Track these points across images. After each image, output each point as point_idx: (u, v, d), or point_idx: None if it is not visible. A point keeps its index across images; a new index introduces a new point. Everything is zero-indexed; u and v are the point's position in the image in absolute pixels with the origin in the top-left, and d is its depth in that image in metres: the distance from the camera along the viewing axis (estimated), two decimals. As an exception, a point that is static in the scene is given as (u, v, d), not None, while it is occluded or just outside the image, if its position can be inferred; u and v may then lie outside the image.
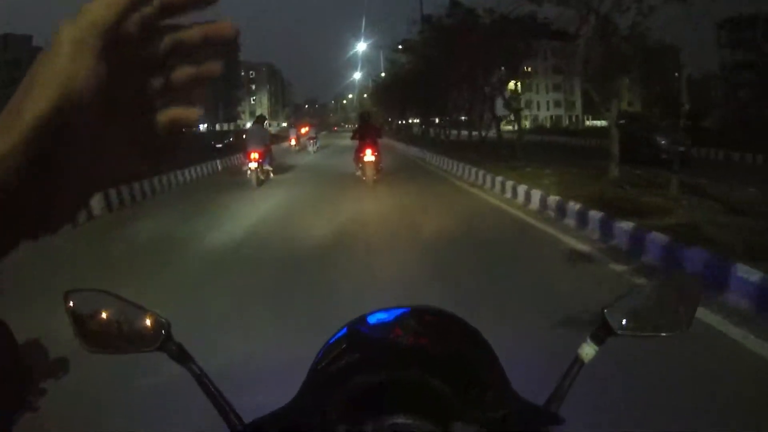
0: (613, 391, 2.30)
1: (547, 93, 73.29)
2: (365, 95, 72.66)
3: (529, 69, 72.39)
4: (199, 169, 15.24)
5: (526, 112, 75.81)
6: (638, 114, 24.42)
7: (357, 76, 50.55)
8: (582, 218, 6.29)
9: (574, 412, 0.69)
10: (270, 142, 13.18)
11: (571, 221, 6.55)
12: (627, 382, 2.45)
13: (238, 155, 17.07)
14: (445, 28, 19.57)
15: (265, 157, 12.15)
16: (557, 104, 75.06)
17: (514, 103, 21.85)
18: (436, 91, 25.07)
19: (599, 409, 2.03)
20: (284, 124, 44.19)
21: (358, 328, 0.74)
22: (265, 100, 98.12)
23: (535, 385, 0.79)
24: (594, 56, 9.29)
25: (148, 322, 0.79)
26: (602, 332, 0.76)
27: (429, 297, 3.50)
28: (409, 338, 0.70)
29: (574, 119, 75.58)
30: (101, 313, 0.79)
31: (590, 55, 9.18)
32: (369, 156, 10.78)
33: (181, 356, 0.78)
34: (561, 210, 6.95)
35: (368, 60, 47.92)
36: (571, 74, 16.02)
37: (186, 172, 14.14)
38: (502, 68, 21.10)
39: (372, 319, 0.74)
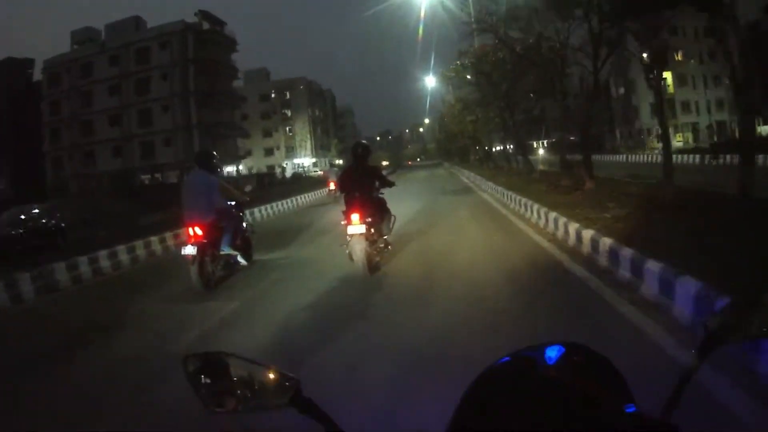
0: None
1: (705, 89, 65.84)
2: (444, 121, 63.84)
3: (679, 55, 66.60)
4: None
5: (681, 120, 68.13)
6: None
7: (430, 83, 45.45)
8: None
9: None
10: (240, 198, 11.16)
11: None
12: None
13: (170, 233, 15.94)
14: None
15: (221, 232, 9.80)
16: (720, 105, 66.21)
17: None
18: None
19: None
20: (339, 162, 42.85)
21: (522, 355, 1.14)
22: (304, 129, 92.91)
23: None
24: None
25: (274, 379, 1.11)
26: (706, 344, 1.14)
27: None
28: (566, 374, 1.08)
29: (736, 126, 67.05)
30: (224, 374, 1.12)
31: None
32: (356, 225, 8.88)
33: (314, 411, 1.09)
34: None
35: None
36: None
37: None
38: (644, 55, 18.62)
39: (535, 353, 1.12)
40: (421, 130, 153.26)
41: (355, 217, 8.85)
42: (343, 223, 9.11)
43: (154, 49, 56.76)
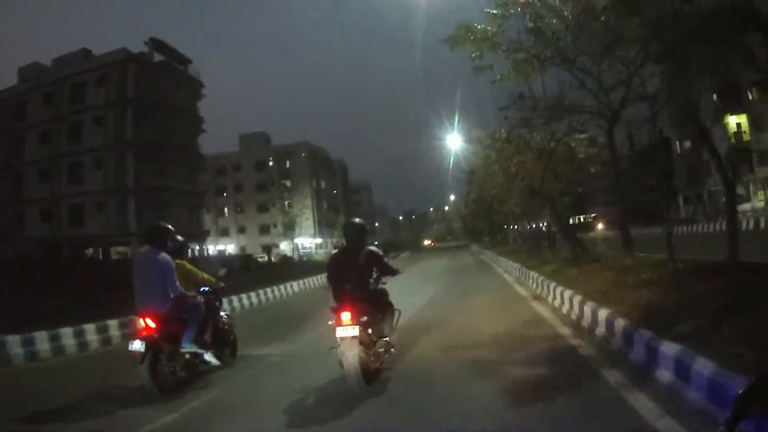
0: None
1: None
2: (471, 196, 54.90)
3: (753, 94, 64.04)
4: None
5: (759, 174, 64.35)
6: None
7: (453, 143, 40.55)
8: None
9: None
10: (213, 284, 10.86)
11: None
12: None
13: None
14: None
15: (185, 325, 9.54)
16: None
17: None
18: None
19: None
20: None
21: None
22: (306, 203, 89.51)
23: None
24: None
25: None
26: (734, 418, 1.41)
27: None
28: None
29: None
30: None
31: None
32: (346, 327, 8.39)
33: None
34: None
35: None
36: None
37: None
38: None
39: None
40: (446, 208, 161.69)
41: (345, 316, 8.43)
42: (330, 323, 8.67)
43: (90, 84, 51.46)
